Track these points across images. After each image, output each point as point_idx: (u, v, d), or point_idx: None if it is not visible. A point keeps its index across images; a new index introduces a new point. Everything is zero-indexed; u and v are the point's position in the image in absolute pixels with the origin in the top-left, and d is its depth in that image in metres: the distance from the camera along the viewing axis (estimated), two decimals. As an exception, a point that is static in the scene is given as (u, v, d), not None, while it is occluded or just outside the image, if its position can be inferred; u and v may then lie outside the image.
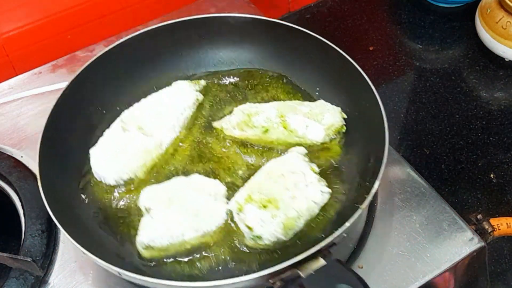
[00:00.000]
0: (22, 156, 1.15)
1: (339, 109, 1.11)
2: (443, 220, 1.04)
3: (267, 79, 1.22)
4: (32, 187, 1.07)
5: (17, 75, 1.32)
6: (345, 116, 1.11)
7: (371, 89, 1.05)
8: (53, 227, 1.04)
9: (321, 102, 1.13)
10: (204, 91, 1.19)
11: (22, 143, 1.18)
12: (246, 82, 1.22)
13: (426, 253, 1.00)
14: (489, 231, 1.08)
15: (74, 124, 1.10)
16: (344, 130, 1.10)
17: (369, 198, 0.91)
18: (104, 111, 1.15)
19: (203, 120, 1.16)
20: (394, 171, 1.11)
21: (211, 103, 1.19)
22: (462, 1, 1.50)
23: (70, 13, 1.35)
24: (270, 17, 1.19)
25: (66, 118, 1.08)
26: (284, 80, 1.22)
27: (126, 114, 1.12)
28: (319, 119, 1.09)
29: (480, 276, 1.08)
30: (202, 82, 1.19)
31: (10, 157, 1.14)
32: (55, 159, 1.03)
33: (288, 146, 1.09)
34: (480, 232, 1.07)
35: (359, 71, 1.07)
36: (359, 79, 1.07)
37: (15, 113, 1.23)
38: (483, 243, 1.02)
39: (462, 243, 1.01)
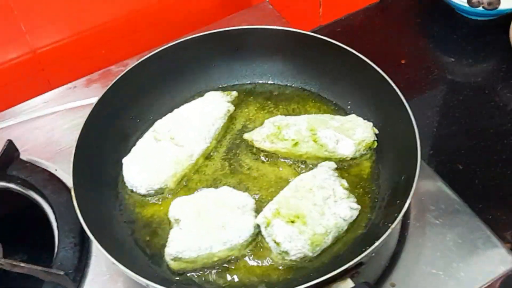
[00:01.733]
0: (56, 170, 1.17)
1: (371, 124, 1.10)
2: (477, 238, 1.02)
3: (299, 92, 1.23)
4: (66, 201, 1.08)
5: (52, 89, 1.34)
6: (377, 132, 1.10)
7: (404, 104, 1.04)
8: (86, 240, 1.05)
9: (352, 117, 1.12)
10: (236, 102, 1.20)
11: (56, 157, 1.20)
12: (278, 94, 1.23)
13: (460, 272, 0.98)
14: (525, 249, 1.06)
15: (108, 135, 1.12)
16: (375, 146, 1.09)
17: (400, 217, 0.90)
18: (138, 120, 1.17)
19: (234, 132, 1.17)
20: (427, 187, 1.10)
21: (242, 115, 1.20)
22: (495, 13, 1.48)
23: (104, 29, 1.38)
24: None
25: (100, 129, 1.10)
26: (316, 93, 1.22)
27: (159, 124, 1.13)
28: (350, 134, 1.08)
29: (515, 295, 1.06)
30: (234, 93, 1.20)
31: (44, 171, 1.15)
32: (89, 170, 1.05)
33: (317, 160, 1.09)
34: (515, 250, 1.05)
35: (391, 85, 1.07)
36: (391, 93, 1.07)
37: (49, 127, 1.25)
38: (518, 262, 1.00)
39: (497, 262, 0.99)
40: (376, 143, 1.09)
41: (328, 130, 1.10)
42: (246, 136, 1.14)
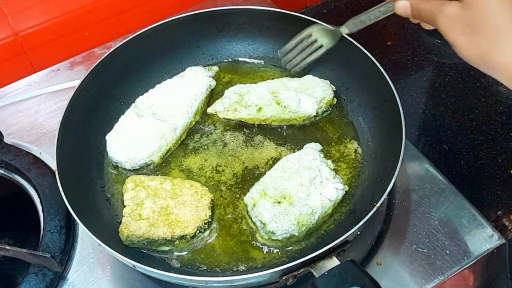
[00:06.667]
0: (40, 153, 1.16)
1: (328, 82, 1.13)
2: (462, 217, 1.03)
3: (284, 72, 1.21)
4: (51, 184, 1.08)
5: (35, 72, 1.33)
6: (335, 89, 1.13)
7: (389, 84, 1.04)
8: (72, 223, 1.05)
9: (309, 77, 1.14)
10: (217, 77, 1.20)
11: (40, 140, 1.19)
12: (262, 74, 1.22)
13: (445, 250, 0.99)
14: (510, 227, 1.07)
15: (91, 117, 1.11)
16: (335, 102, 1.12)
17: (385, 196, 0.90)
18: (122, 102, 1.16)
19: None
20: (413, 167, 1.10)
21: (224, 89, 1.18)
22: (482, -6, 1.48)
23: (88, 10, 1.36)
24: (286, 12, 1.18)
25: (83, 112, 1.09)
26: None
27: (140, 100, 1.13)
28: (311, 93, 1.11)
29: (500, 273, 1.06)
30: (215, 68, 1.20)
31: (29, 154, 1.14)
32: (73, 153, 1.04)
33: (282, 122, 1.11)
34: (500, 228, 1.06)
35: (377, 66, 1.07)
36: (377, 74, 1.06)
37: (33, 110, 1.24)
38: (503, 240, 1.01)
39: (482, 240, 1.00)
40: (335, 100, 1.12)
41: (289, 91, 1.11)
42: (209, 110, 1.13)
